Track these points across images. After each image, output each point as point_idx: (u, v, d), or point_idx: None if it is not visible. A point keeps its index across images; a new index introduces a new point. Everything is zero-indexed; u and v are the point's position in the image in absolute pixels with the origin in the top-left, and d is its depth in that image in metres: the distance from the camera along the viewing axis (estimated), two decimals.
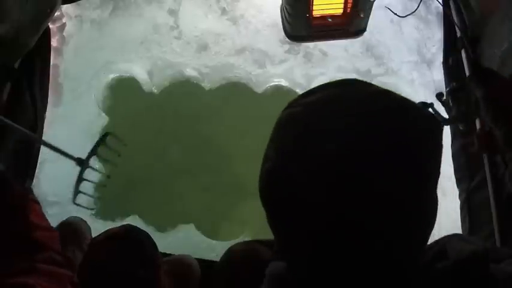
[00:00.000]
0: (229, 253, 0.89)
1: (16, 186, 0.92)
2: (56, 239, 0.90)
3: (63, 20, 2.07)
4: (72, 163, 1.80)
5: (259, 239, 1.03)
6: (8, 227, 0.85)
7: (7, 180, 0.91)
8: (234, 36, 2.17)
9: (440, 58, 1.80)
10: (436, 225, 0.52)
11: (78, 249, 1.26)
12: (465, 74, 1.46)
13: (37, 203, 0.94)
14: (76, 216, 1.42)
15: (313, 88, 0.57)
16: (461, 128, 1.46)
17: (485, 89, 1.02)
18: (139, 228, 1.21)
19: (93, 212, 1.80)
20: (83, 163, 1.60)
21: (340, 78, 0.57)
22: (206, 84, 2.20)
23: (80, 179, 1.64)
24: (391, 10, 1.86)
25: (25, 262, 0.78)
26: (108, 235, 1.16)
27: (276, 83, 2.21)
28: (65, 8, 2.03)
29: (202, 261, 1.44)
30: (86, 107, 2.10)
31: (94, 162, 1.74)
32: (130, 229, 1.20)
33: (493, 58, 1.28)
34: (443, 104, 1.40)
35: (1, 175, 0.93)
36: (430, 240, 0.55)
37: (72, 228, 1.33)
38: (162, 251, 1.26)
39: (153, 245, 1.18)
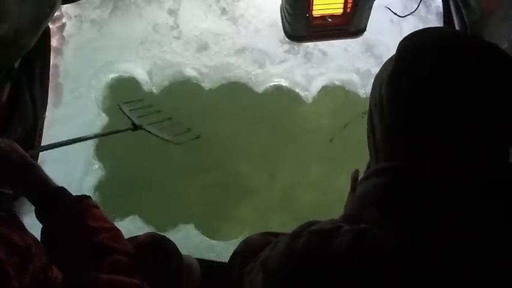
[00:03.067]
0: (246, 244, 0.89)
1: (70, 197, 0.93)
2: (120, 236, 0.91)
3: (63, 20, 2.07)
4: (72, 163, 1.80)
5: (271, 231, 1.03)
6: (69, 236, 0.86)
7: (61, 192, 0.93)
8: (234, 36, 2.17)
9: None
10: None
11: None
12: None
13: (94, 206, 0.94)
14: None
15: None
16: None
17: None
18: (166, 237, 1.22)
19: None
20: (136, 127, 1.62)
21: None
22: (206, 84, 2.20)
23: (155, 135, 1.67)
24: (391, 10, 1.86)
25: (90, 272, 0.79)
26: (136, 245, 1.16)
27: (276, 83, 2.22)
28: (65, 8, 2.03)
29: (202, 261, 1.44)
30: (86, 107, 2.10)
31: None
32: (157, 238, 1.21)
33: None
34: None
35: (57, 189, 0.94)
36: None
37: None
38: None
39: (179, 255, 1.20)
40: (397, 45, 0.68)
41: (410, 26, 2.02)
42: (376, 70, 0.73)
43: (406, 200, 0.58)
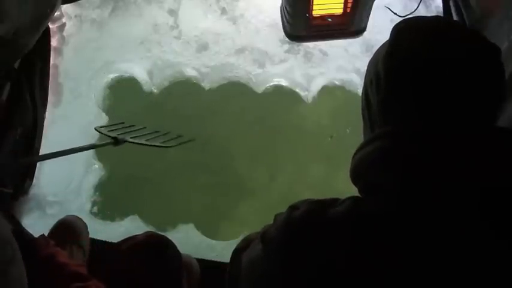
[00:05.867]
0: (246, 241, 0.90)
1: (38, 240, 1.00)
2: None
3: (63, 20, 2.07)
4: (72, 163, 1.80)
5: None
6: (48, 274, 0.93)
7: (30, 238, 1.00)
8: (234, 36, 2.17)
9: None
10: None
11: (76, 246, 1.27)
12: None
13: (61, 246, 1.04)
14: (72, 215, 1.43)
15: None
16: None
17: None
18: (164, 237, 1.22)
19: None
20: (118, 141, 1.51)
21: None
22: (206, 84, 2.20)
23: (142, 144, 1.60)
24: (391, 10, 1.86)
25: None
26: (134, 244, 1.17)
27: (276, 83, 2.21)
28: (65, 8, 2.03)
29: (202, 261, 1.44)
30: (86, 107, 2.10)
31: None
32: (157, 238, 1.21)
33: None
34: None
35: (25, 236, 1.02)
36: None
37: (69, 226, 1.33)
38: None
39: (178, 255, 1.20)
40: (392, 28, 0.73)
41: None
42: None
43: (402, 158, 0.61)
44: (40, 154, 1.40)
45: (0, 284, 0.55)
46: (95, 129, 1.60)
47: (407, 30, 0.71)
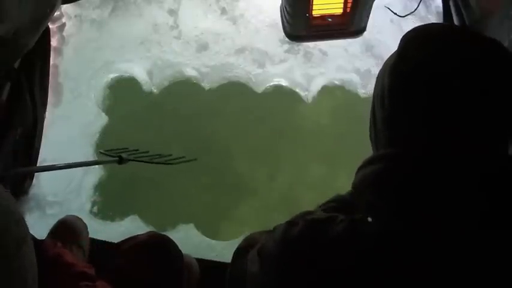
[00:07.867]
0: (248, 240, 0.90)
1: (45, 241, 1.03)
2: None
3: (63, 20, 2.07)
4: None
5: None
6: (56, 274, 0.94)
7: (36, 240, 0.99)
8: (233, 36, 2.17)
9: None
10: None
11: (76, 246, 1.27)
12: None
13: (64, 247, 1.05)
14: (72, 215, 1.43)
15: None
16: None
17: None
18: (166, 237, 1.22)
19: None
20: (123, 159, 1.52)
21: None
22: (206, 84, 2.20)
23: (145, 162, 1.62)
24: (391, 10, 1.86)
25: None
26: (136, 243, 1.17)
27: (276, 83, 2.22)
28: (65, 8, 2.03)
29: (202, 261, 1.44)
30: (85, 107, 2.10)
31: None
32: (159, 238, 1.21)
33: None
34: None
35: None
36: None
37: (69, 226, 1.33)
38: None
39: (180, 255, 1.20)
40: (401, 37, 0.71)
41: (410, 26, 1.99)
42: (376, 70, 0.74)
43: (398, 183, 0.60)
44: (50, 164, 1.44)
45: (14, 261, 0.55)
46: (100, 152, 1.61)
47: (416, 39, 0.68)
